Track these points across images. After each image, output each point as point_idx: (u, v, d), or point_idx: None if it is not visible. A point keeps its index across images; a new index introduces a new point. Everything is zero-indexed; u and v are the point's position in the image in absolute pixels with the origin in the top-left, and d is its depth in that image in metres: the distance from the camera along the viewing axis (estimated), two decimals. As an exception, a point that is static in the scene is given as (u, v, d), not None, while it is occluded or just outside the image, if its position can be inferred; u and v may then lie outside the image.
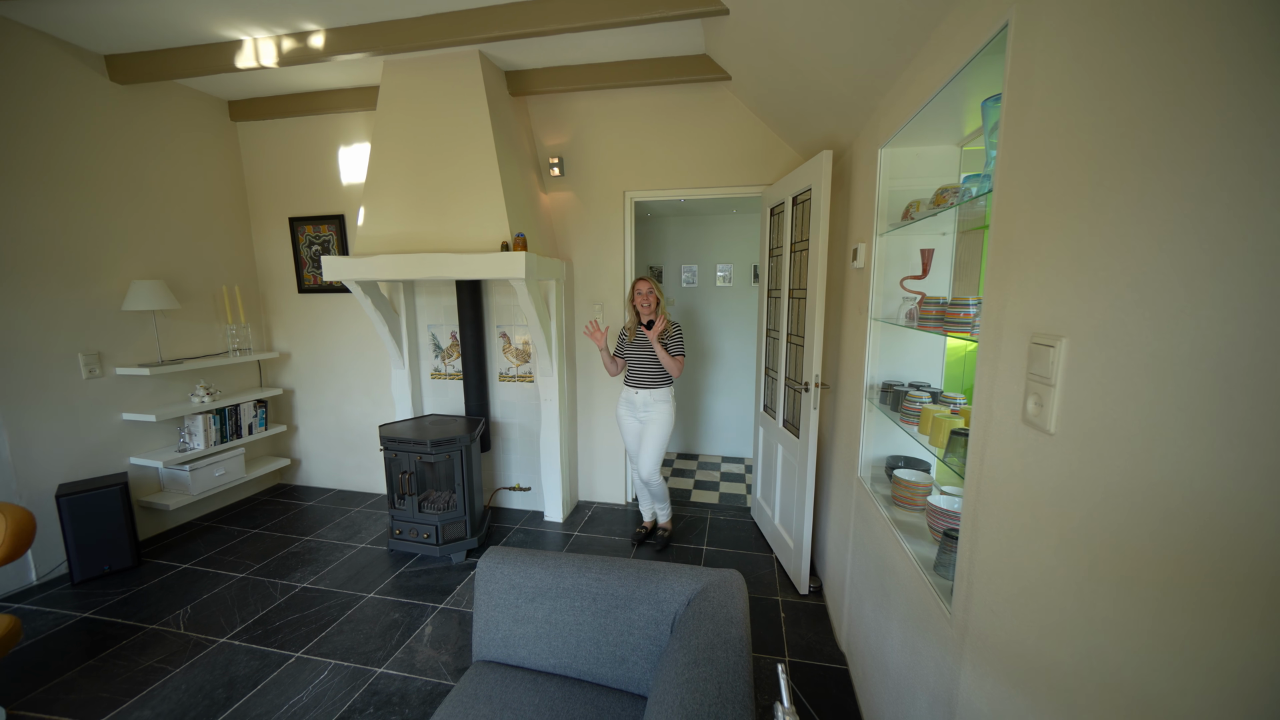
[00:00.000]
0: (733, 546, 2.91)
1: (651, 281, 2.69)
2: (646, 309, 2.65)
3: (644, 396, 2.72)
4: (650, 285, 2.67)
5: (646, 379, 2.71)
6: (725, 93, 2.90)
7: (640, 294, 2.66)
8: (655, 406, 2.73)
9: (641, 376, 2.72)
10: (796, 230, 2.52)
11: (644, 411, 2.74)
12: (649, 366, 2.71)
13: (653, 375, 2.71)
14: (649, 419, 2.74)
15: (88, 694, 1.86)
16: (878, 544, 1.65)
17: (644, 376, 2.72)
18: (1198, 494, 0.54)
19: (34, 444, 2.52)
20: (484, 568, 1.52)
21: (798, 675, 1.95)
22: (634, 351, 2.73)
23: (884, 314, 1.81)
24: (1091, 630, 0.68)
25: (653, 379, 2.71)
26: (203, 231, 3.27)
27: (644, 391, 2.72)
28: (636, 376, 2.73)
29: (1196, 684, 0.54)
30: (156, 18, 2.36)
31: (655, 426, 2.73)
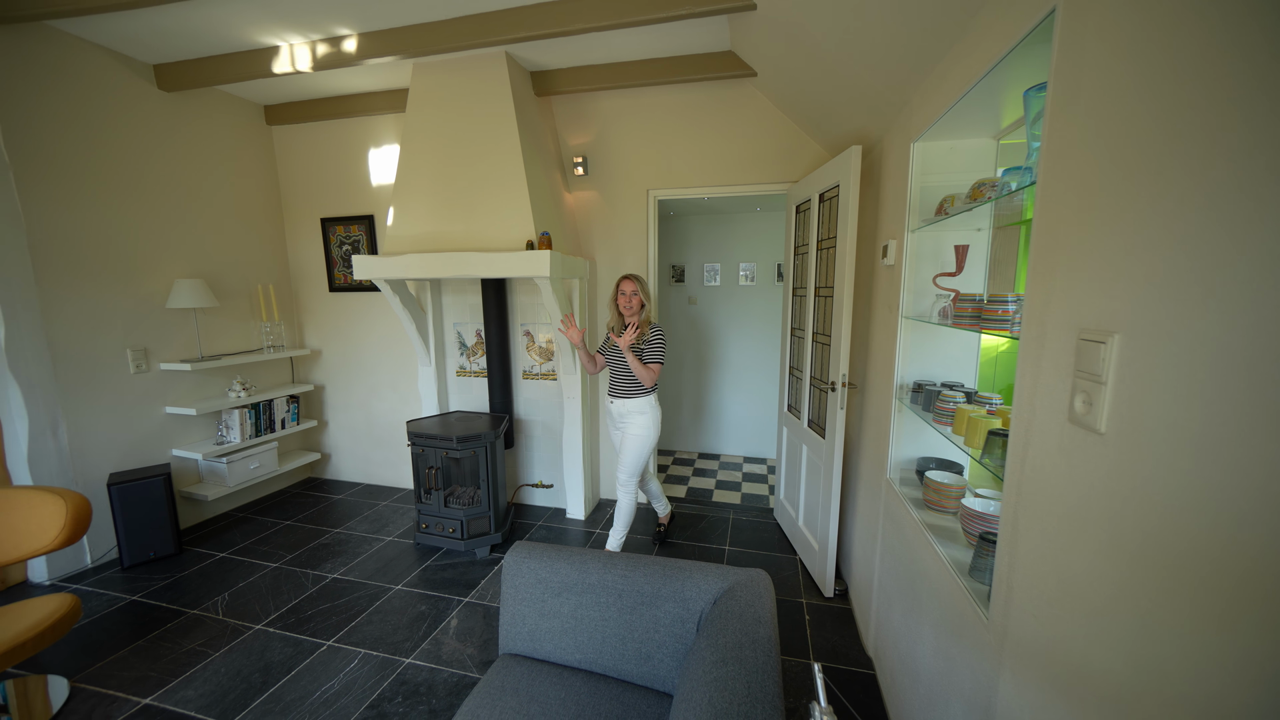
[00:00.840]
0: (755, 547, 2.89)
1: (636, 281, 2.46)
2: (629, 310, 2.45)
3: (619, 407, 2.51)
4: (634, 285, 2.45)
5: (621, 388, 2.50)
6: (750, 89, 2.87)
7: (623, 294, 2.45)
8: (631, 418, 2.49)
9: (616, 385, 2.51)
10: (823, 227, 2.48)
11: (621, 422, 2.53)
12: (624, 374, 2.48)
13: (627, 383, 2.48)
14: (626, 431, 2.52)
15: (138, 672, 1.95)
16: (908, 547, 1.62)
17: (619, 385, 2.50)
18: (1273, 497, 0.51)
19: (88, 435, 2.65)
20: (510, 562, 1.54)
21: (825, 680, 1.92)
22: (611, 357, 2.51)
23: (915, 312, 1.77)
24: (1149, 639, 0.65)
25: (627, 388, 2.48)
26: (240, 232, 3.39)
27: (619, 401, 2.50)
28: (612, 384, 2.53)
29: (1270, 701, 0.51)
30: (201, 26, 2.45)
31: (632, 440, 2.50)
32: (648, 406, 2.50)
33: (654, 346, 2.45)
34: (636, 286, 2.45)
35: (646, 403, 2.49)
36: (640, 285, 2.47)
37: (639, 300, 2.45)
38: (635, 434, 2.50)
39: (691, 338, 4.45)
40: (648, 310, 2.48)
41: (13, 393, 2.40)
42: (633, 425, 2.50)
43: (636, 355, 2.41)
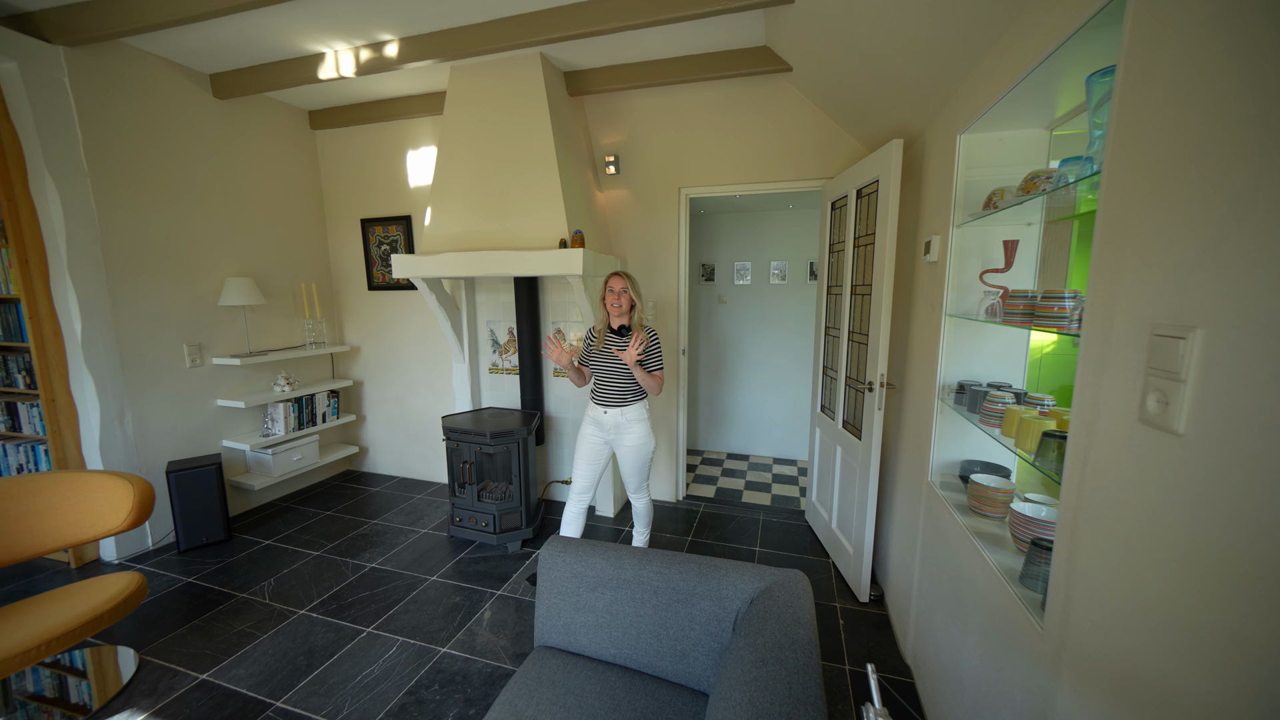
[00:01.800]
0: (787, 549, 2.84)
1: (626, 278, 2.25)
2: (617, 310, 2.24)
3: (614, 417, 2.26)
4: (624, 282, 2.23)
5: (615, 396, 2.25)
6: (785, 85, 2.83)
7: (612, 292, 2.22)
8: (629, 429, 2.26)
9: (609, 393, 2.26)
10: (860, 224, 2.43)
11: (614, 434, 2.29)
12: (618, 381, 2.24)
13: (623, 391, 2.25)
14: (621, 443, 2.29)
15: (195, 649, 2.05)
16: (951, 552, 1.57)
17: (612, 393, 2.25)
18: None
19: (149, 424, 2.80)
20: (546, 555, 1.56)
21: (860, 686, 1.88)
22: (601, 362, 2.26)
23: (960, 310, 1.72)
24: (1244, 659, 0.61)
25: (623, 395, 2.25)
26: (285, 232, 3.53)
27: (614, 410, 2.25)
28: (604, 392, 2.27)
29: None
30: (254, 35, 2.57)
31: (631, 452, 2.28)
32: (644, 413, 2.32)
33: (654, 353, 2.25)
34: (626, 284, 2.24)
35: (643, 408, 2.31)
36: (631, 283, 2.25)
37: (629, 299, 2.24)
38: (634, 445, 2.28)
39: (721, 337, 4.41)
40: (638, 311, 2.27)
41: (87, 384, 2.56)
42: (630, 436, 2.28)
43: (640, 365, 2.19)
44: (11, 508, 1.84)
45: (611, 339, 2.27)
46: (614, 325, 2.28)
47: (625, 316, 2.27)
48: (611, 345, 2.24)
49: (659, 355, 2.27)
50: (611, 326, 2.29)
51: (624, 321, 2.27)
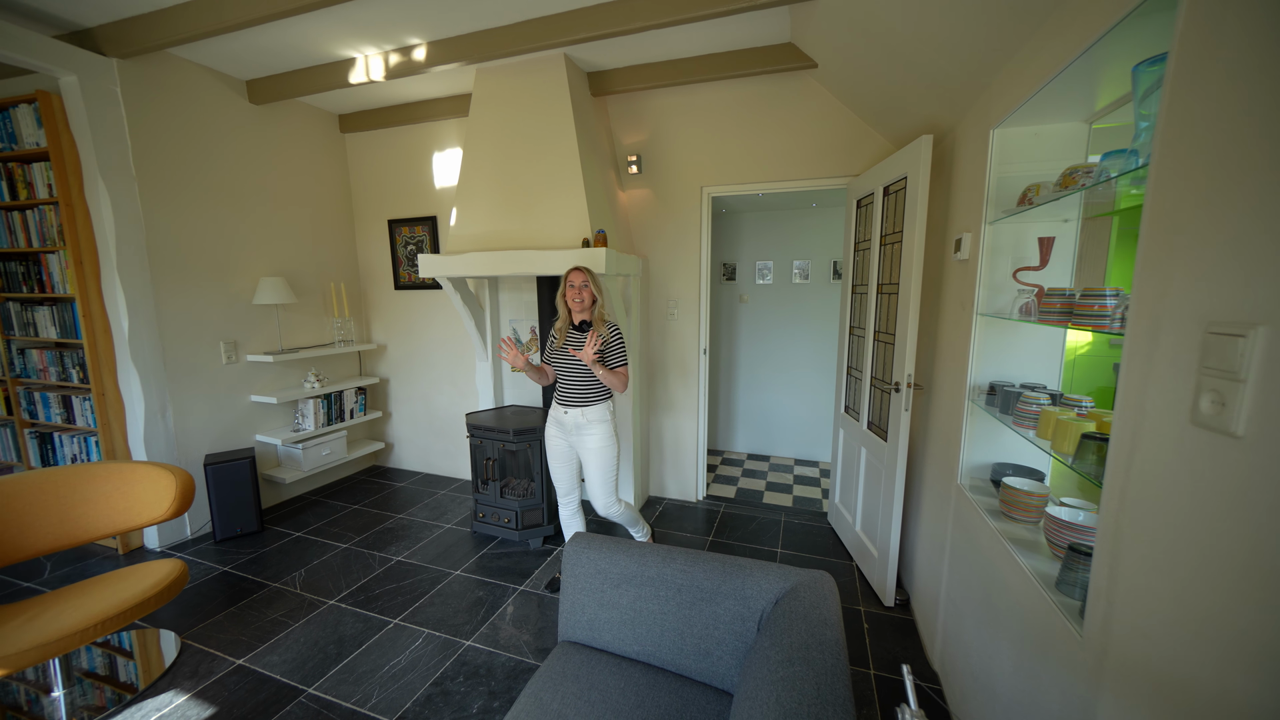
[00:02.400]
0: (809, 552, 2.81)
1: (586, 272, 2.15)
2: (578, 306, 2.15)
3: (575, 417, 2.19)
4: (584, 276, 2.14)
5: (575, 395, 2.18)
6: (809, 82, 2.80)
7: (573, 287, 2.14)
8: (589, 429, 2.18)
9: (569, 392, 2.19)
10: (887, 222, 2.39)
11: (575, 435, 2.21)
12: (577, 379, 2.17)
13: (583, 390, 2.17)
14: (582, 445, 2.21)
15: (232, 635, 2.13)
16: (982, 557, 1.53)
17: (572, 392, 2.18)
18: None
19: (188, 418, 2.92)
20: (571, 551, 1.57)
21: (885, 691, 1.85)
22: (562, 360, 2.20)
23: (991, 309, 1.67)
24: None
25: (583, 395, 2.18)
26: (315, 233, 3.63)
27: (574, 410, 2.18)
28: (564, 391, 2.21)
29: None
30: (290, 42, 2.65)
31: (594, 455, 2.19)
32: (607, 413, 2.22)
33: (614, 348, 2.15)
34: (586, 278, 2.15)
35: (606, 409, 2.22)
36: (591, 278, 2.16)
37: (589, 294, 2.15)
38: (596, 447, 2.18)
39: (742, 336, 4.39)
40: (600, 306, 2.19)
41: (133, 379, 2.68)
42: (591, 438, 2.18)
43: (601, 362, 2.11)
44: (70, 495, 1.94)
45: (573, 336, 2.20)
46: (575, 321, 2.21)
47: (587, 312, 2.19)
48: (570, 344, 2.17)
49: (620, 351, 2.17)
50: (574, 323, 2.22)
51: (585, 317, 2.20)
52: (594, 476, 2.23)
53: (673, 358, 3.33)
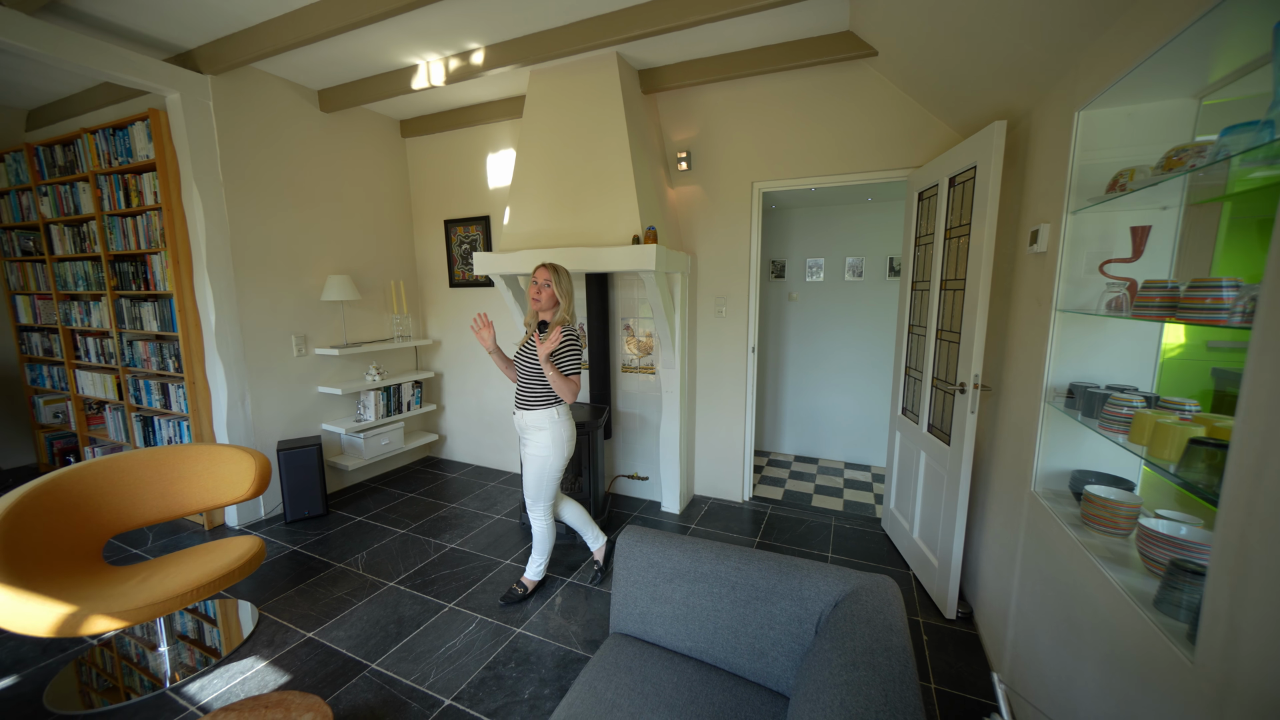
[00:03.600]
0: (862, 558, 2.72)
1: (551, 270, 2.08)
2: (537, 304, 2.10)
3: (522, 419, 2.16)
4: (548, 274, 2.07)
5: (525, 396, 2.15)
6: (868, 71, 2.70)
7: (534, 284, 2.08)
8: (531, 435, 2.15)
9: (521, 392, 2.16)
10: (953, 215, 2.28)
11: (524, 436, 2.20)
12: (529, 380, 2.13)
13: (531, 392, 2.13)
14: (524, 449, 2.20)
15: (302, 610, 2.27)
16: (1061, 570, 1.43)
17: (523, 392, 2.15)
18: None
19: (264, 406, 3.14)
20: (623, 544, 1.58)
21: (947, 708, 1.76)
22: (521, 360, 2.16)
23: (1073, 305, 1.56)
24: None
25: (530, 397, 2.13)
26: (378, 233, 3.83)
27: (522, 413, 2.16)
28: (518, 391, 2.18)
29: None
30: (358, 52, 2.80)
31: (530, 461, 2.18)
32: (548, 420, 2.12)
33: (564, 354, 2.06)
34: (550, 276, 2.07)
35: (547, 416, 2.12)
36: (556, 276, 2.07)
37: (549, 294, 2.08)
38: (534, 453, 2.16)
39: (791, 335, 4.29)
40: (563, 309, 2.10)
41: (218, 369, 2.91)
42: (532, 443, 2.16)
43: (555, 366, 2.04)
44: (169, 472, 2.13)
45: (532, 341, 2.17)
46: (538, 320, 2.18)
47: (548, 312, 2.14)
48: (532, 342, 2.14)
49: (573, 358, 2.09)
50: (539, 324, 2.18)
51: (546, 317, 2.15)
52: (527, 478, 2.23)
53: (720, 356, 3.30)
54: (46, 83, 3.22)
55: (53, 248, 3.46)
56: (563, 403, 2.17)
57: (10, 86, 3.29)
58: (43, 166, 3.34)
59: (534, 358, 2.11)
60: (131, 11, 2.38)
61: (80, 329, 3.48)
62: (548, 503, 2.25)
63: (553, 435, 2.15)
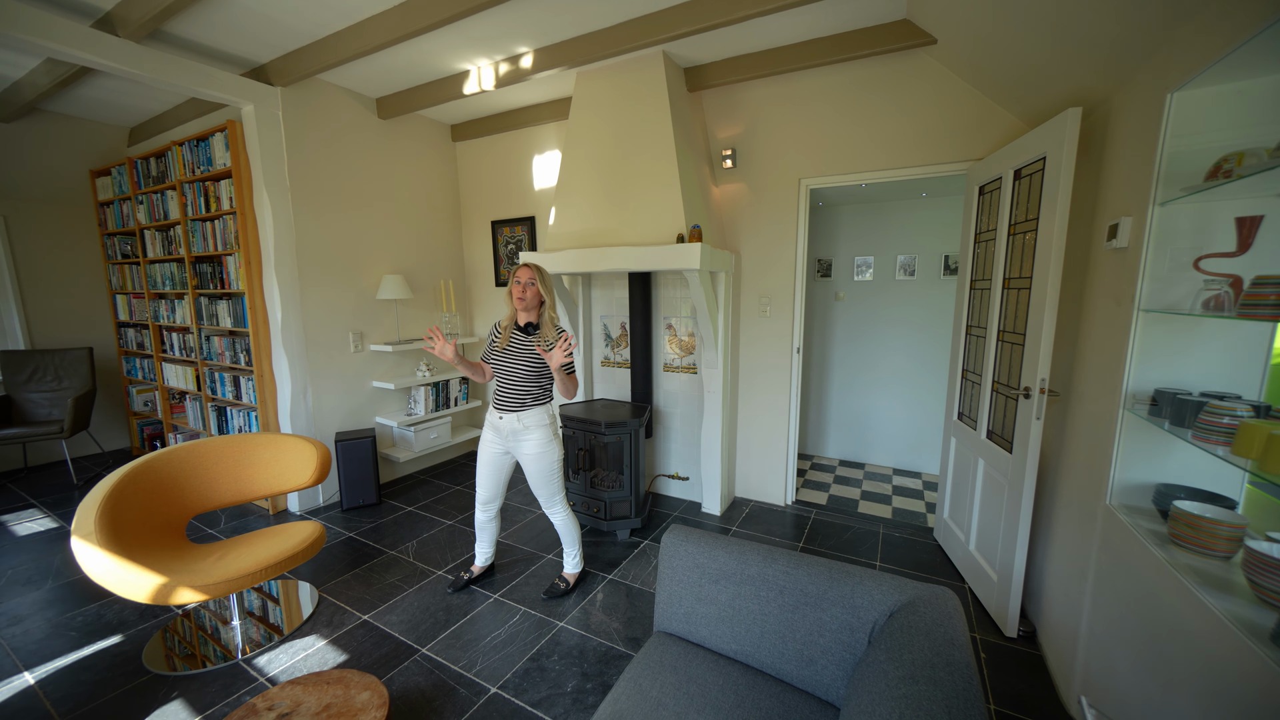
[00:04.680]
0: (912, 568, 2.60)
1: (534, 269, 2.06)
2: (522, 304, 2.07)
3: (511, 422, 2.12)
4: (531, 273, 2.05)
5: (514, 399, 2.10)
6: (925, 60, 2.59)
7: (518, 283, 2.05)
8: (527, 435, 2.12)
9: (508, 396, 2.11)
10: (1018, 209, 2.15)
11: (512, 440, 2.15)
12: (519, 383, 2.09)
13: (522, 394, 2.10)
14: (520, 451, 2.16)
15: (357, 594, 2.39)
16: (1144, 591, 1.32)
17: (511, 396, 2.11)
18: None
19: (323, 399, 3.32)
20: (668, 543, 1.58)
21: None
22: (503, 362, 2.11)
23: (1161, 304, 1.44)
24: None
25: (521, 399, 2.10)
26: (429, 235, 3.97)
27: (511, 416, 2.11)
28: (502, 395, 2.12)
29: None
30: (414, 59, 2.92)
31: (532, 461, 2.14)
32: (546, 418, 2.15)
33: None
34: (534, 275, 2.05)
35: (545, 413, 2.15)
36: (540, 277, 2.06)
37: (535, 292, 2.07)
38: (534, 453, 2.14)
39: (837, 336, 4.16)
40: (548, 308, 2.10)
41: (282, 363, 3.10)
42: (529, 443, 2.13)
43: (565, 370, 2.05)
44: (242, 459, 2.29)
45: (516, 337, 2.13)
46: (520, 322, 2.14)
47: (533, 313, 2.12)
48: (530, 344, 2.09)
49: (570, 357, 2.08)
50: (519, 323, 2.14)
51: (531, 318, 2.12)
52: (536, 481, 2.20)
53: (764, 356, 3.24)
54: (145, 101, 3.52)
55: (146, 251, 3.78)
56: (552, 399, 2.22)
57: (117, 107, 3.63)
58: (140, 177, 3.65)
59: (527, 362, 2.09)
60: (216, 32, 2.57)
61: (166, 325, 3.79)
62: (562, 494, 2.27)
63: (551, 431, 2.19)
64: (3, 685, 1.86)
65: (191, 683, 1.86)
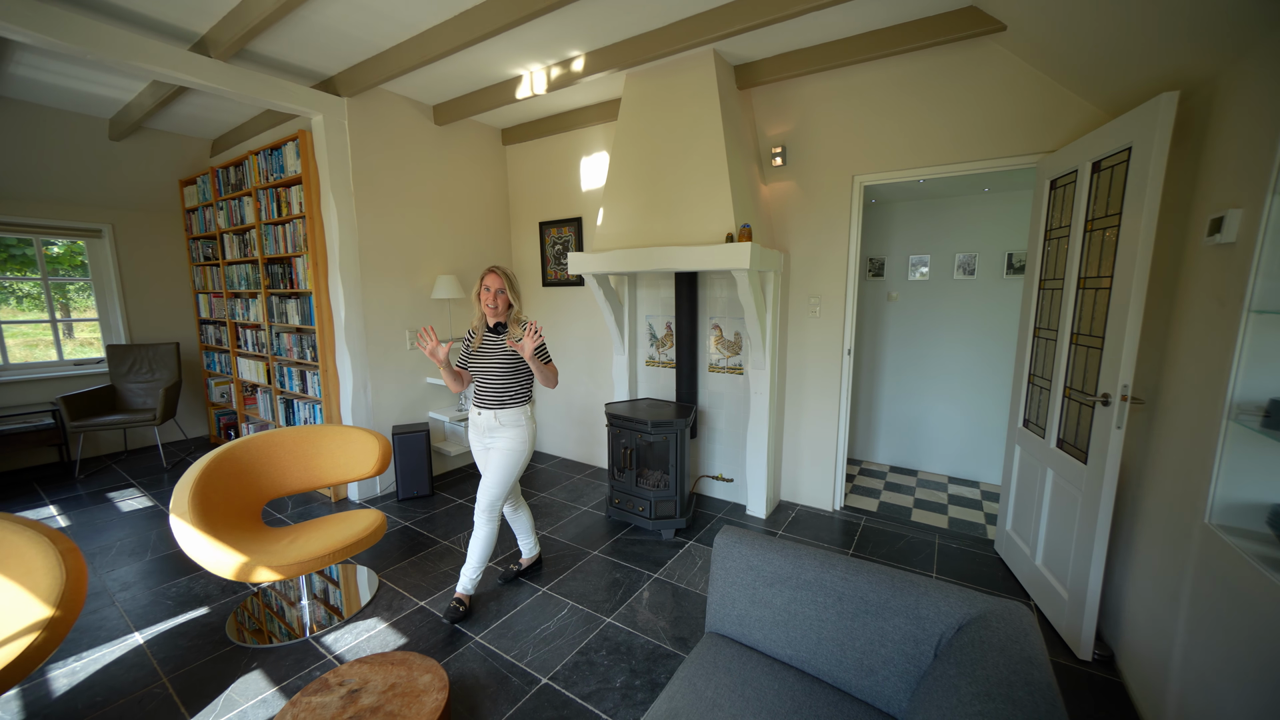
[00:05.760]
0: (971, 581, 2.48)
1: (503, 275, 2.11)
2: (492, 311, 2.13)
3: (488, 419, 2.15)
4: (500, 280, 2.10)
5: (493, 396, 2.14)
6: (991, 49, 2.46)
7: (488, 290, 2.10)
8: (504, 431, 2.15)
9: (487, 393, 2.15)
10: (1096, 204, 2.01)
11: (489, 436, 2.18)
12: (498, 381, 2.14)
13: (501, 392, 2.14)
14: (495, 445, 2.17)
15: (412, 581, 2.49)
16: (1257, 622, 1.21)
17: (490, 393, 2.15)
18: None
19: (382, 394, 3.48)
20: (721, 544, 1.57)
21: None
22: (479, 361, 2.16)
23: (1275, 305, 1.31)
24: None
25: (500, 396, 2.14)
26: (480, 236, 4.10)
27: (489, 413, 2.15)
28: (482, 393, 2.16)
29: None
30: (471, 67, 3.02)
31: (499, 455, 2.15)
32: (524, 417, 2.18)
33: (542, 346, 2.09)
34: (503, 283, 2.10)
35: (523, 412, 2.18)
36: (508, 282, 2.11)
37: (504, 300, 2.12)
38: (506, 447, 2.15)
39: (889, 338, 4.02)
40: (516, 309, 2.17)
41: (345, 359, 3.28)
42: (502, 438, 2.16)
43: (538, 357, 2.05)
44: (310, 448, 2.43)
45: (488, 338, 2.18)
46: (490, 323, 2.19)
47: (502, 315, 2.17)
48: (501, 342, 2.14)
49: (545, 346, 2.12)
50: (489, 325, 2.19)
51: (501, 319, 2.17)
52: (491, 476, 2.17)
53: (813, 358, 3.17)
54: (227, 115, 3.80)
55: (224, 253, 4.08)
56: (532, 399, 2.24)
57: (203, 121, 3.94)
58: (220, 185, 3.95)
59: (501, 358, 2.14)
60: (292, 48, 2.74)
61: (241, 322, 4.08)
62: (501, 505, 2.22)
63: (527, 431, 2.21)
64: (121, 641, 2.09)
65: (268, 655, 1.99)
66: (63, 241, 4.21)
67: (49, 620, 1.33)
